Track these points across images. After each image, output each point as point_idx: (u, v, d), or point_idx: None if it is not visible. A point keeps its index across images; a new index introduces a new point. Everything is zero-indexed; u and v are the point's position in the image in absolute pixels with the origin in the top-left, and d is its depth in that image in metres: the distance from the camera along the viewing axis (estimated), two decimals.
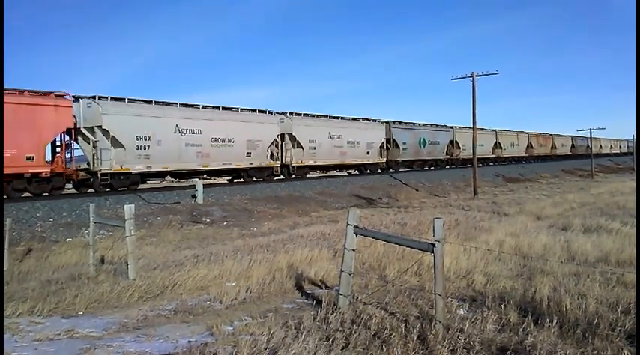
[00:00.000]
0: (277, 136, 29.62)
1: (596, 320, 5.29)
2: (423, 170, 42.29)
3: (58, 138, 20.84)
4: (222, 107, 27.33)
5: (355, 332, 5.16)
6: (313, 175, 33.07)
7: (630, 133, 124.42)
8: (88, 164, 21.84)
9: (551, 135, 70.65)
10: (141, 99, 23.96)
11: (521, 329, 5.19)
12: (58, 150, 21.00)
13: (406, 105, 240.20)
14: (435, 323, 5.11)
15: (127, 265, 8.49)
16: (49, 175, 19.92)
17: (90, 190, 22.24)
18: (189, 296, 7.35)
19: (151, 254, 12.22)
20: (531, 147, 64.05)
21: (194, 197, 21.79)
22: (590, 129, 51.52)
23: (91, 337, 5.60)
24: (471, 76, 28.31)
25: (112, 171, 21.63)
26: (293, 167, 30.90)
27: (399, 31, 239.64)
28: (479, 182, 29.92)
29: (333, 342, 4.96)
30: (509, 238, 11.09)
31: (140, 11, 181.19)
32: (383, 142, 38.39)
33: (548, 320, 5.29)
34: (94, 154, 21.39)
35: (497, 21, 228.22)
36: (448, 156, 47.41)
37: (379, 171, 37.80)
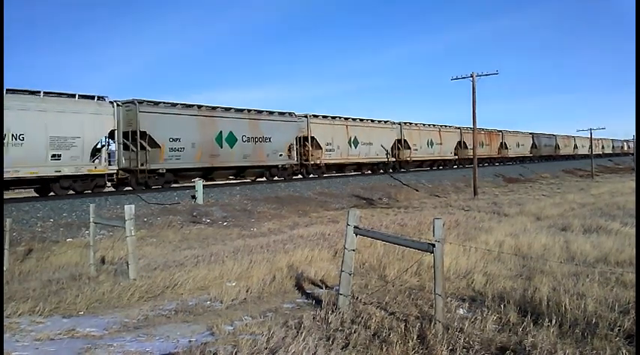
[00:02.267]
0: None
1: (595, 320, 5.30)
2: (423, 170, 42.30)
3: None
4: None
5: (355, 332, 5.17)
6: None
7: (630, 133, 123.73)
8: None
9: (500, 131, 56.33)
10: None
11: (520, 329, 5.20)
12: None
13: (406, 106, 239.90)
14: (435, 323, 5.12)
15: (128, 265, 8.50)
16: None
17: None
18: (189, 296, 7.36)
19: (151, 254, 12.24)
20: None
21: (194, 197, 21.81)
22: (591, 130, 51.56)
23: (92, 337, 5.62)
24: (471, 76, 28.35)
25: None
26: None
27: (398, 31, 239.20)
28: (479, 182, 29.94)
29: (333, 342, 4.98)
30: (509, 238, 11.10)
31: (140, 11, 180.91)
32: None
33: (547, 320, 5.31)
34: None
35: (497, 21, 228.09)
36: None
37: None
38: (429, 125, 44.95)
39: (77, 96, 20.82)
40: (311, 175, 32.51)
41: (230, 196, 23.34)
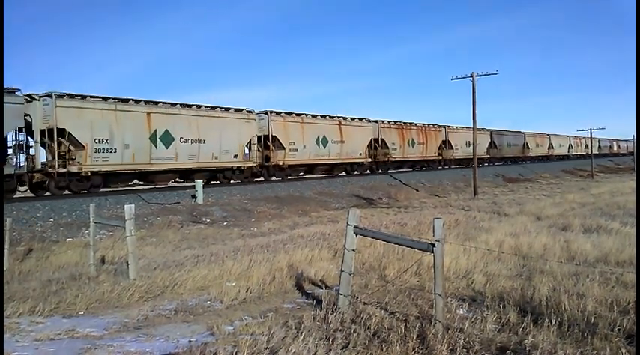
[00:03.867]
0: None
1: (595, 320, 5.30)
2: (422, 170, 42.17)
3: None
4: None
5: (355, 332, 5.17)
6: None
7: (630, 133, 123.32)
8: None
9: (442, 126, 48.15)
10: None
11: (520, 329, 5.20)
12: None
13: (406, 106, 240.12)
14: (435, 323, 5.12)
15: (128, 265, 8.50)
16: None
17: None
18: (189, 296, 7.36)
19: (151, 254, 12.24)
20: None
21: (194, 197, 21.82)
22: (591, 130, 51.50)
23: (92, 337, 5.62)
24: (471, 76, 28.35)
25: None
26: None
27: (398, 31, 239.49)
28: (479, 182, 29.94)
29: (333, 342, 4.98)
30: (509, 238, 11.10)
31: (140, 11, 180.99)
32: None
33: (547, 319, 5.31)
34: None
35: (498, 21, 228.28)
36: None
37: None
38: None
39: None
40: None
41: (230, 196, 23.35)
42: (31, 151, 20.51)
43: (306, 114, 32.56)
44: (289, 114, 31.35)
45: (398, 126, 40.65)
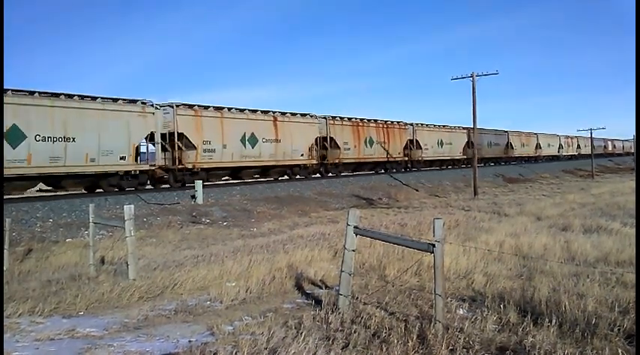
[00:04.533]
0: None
1: (595, 320, 5.30)
2: (421, 170, 41.98)
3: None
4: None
5: (355, 332, 5.17)
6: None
7: (630, 133, 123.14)
8: None
9: (407, 124, 42.55)
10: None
11: (520, 329, 5.20)
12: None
13: (406, 106, 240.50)
14: (435, 323, 5.12)
15: (127, 265, 8.50)
16: None
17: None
18: (189, 296, 7.36)
19: (150, 254, 12.23)
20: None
21: (194, 197, 21.81)
22: (591, 130, 51.48)
23: (92, 337, 5.62)
24: (471, 76, 28.36)
25: None
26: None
27: (398, 31, 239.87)
28: (479, 182, 29.94)
29: (333, 342, 4.98)
30: (509, 238, 11.10)
31: (140, 12, 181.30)
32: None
33: (547, 320, 5.31)
34: None
35: (498, 21, 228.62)
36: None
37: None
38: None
39: None
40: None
41: (230, 196, 23.35)
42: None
43: (229, 108, 27.41)
44: (206, 107, 26.27)
45: (352, 123, 35.88)
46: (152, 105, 23.65)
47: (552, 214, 16.62)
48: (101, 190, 22.44)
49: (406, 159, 41.30)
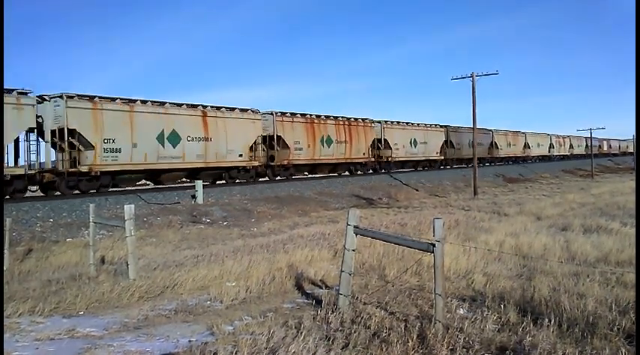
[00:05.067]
0: None
1: (595, 320, 5.30)
2: (420, 170, 41.85)
3: None
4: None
5: (355, 332, 5.17)
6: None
7: (630, 133, 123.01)
8: None
9: (373, 121, 38.58)
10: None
11: (520, 329, 5.20)
12: None
13: (407, 106, 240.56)
14: (435, 323, 5.12)
15: (127, 265, 8.50)
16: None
17: None
18: (189, 296, 7.36)
19: (151, 254, 12.24)
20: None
21: (194, 197, 21.82)
22: (590, 129, 51.50)
23: (92, 337, 5.62)
24: (471, 76, 28.36)
25: None
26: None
27: (399, 31, 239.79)
28: (479, 182, 29.94)
29: (333, 342, 4.98)
30: (509, 238, 11.10)
31: (141, 12, 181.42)
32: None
33: (547, 319, 5.30)
34: None
35: (498, 21, 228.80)
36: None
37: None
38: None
39: None
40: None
41: (230, 196, 23.35)
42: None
43: (143, 101, 23.67)
44: (112, 99, 22.58)
45: (306, 119, 31.89)
46: (44, 98, 20.82)
47: (552, 214, 16.62)
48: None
49: (373, 159, 37.47)
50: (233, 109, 27.39)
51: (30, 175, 20.05)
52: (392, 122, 40.47)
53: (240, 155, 27.38)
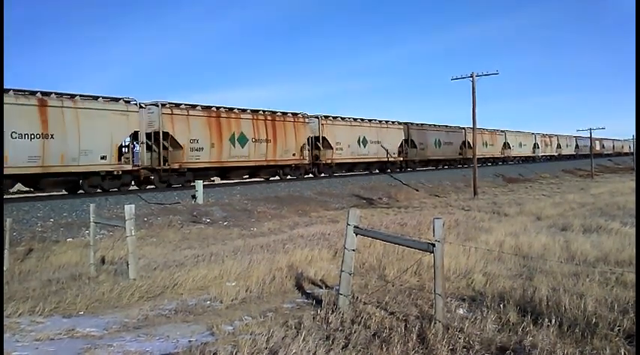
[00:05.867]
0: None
1: (595, 320, 5.30)
2: (421, 170, 41.75)
3: None
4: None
5: (355, 332, 5.18)
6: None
7: (630, 133, 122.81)
8: None
9: (304, 116, 32.52)
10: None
11: (520, 329, 5.20)
12: None
13: (407, 106, 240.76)
14: (435, 323, 5.12)
15: (128, 265, 8.50)
16: None
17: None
18: (189, 296, 7.37)
19: (151, 254, 12.24)
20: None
21: (194, 197, 21.83)
22: (591, 130, 51.49)
23: (92, 337, 5.62)
24: (471, 76, 28.36)
25: None
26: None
27: (398, 31, 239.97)
28: (479, 182, 29.95)
29: (333, 342, 4.98)
30: (509, 238, 11.11)
31: (140, 12, 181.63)
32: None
33: (547, 319, 5.30)
34: None
35: (497, 21, 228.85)
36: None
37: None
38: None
39: None
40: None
41: (230, 196, 23.36)
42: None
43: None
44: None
45: (208, 113, 26.09)
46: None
47: (552, 214, 16.63)
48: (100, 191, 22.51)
49: (305, 161, 31.50)
50: (96, 98, 22.06)
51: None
52: (333, 117, 34.71)
53: (104, 157, 21.67)
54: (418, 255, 7.27)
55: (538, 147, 65.29)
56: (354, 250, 6.16)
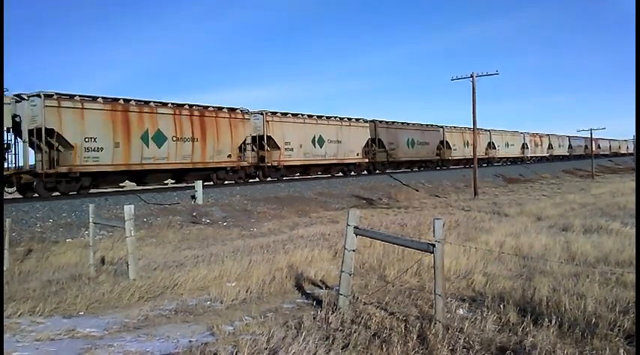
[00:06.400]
0: None
1: (595, 320, 5.30)
2: (421, 170, 41.69)
3: None
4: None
5: (355, 332, 5.17)
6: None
7: (630, 133, 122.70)
8: None
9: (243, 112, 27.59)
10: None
11: (520, 329, 5.20)
12: None
13: (407, 106, 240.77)
14: (435, 323, 5.12)
15: (127, 265, 8.50)
16: None
17: None
18: (189, 296, 7.36)
19: (151, 254, 12.24)
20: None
21: (194, 197, 21.82)
22: (591, 130, 51.46)
23: (92, 337, 5.62)
24: (471, 77, 28.36)
25: None
26: None
27: (398, 31, 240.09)
28: (479, 182, 29.94)
29: (333, 342, 4.97)
30: (509, 238, 11.10)
31: (140, 12, 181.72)
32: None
33: (547, 320, 5.30)
34: None
35: (497, 21, 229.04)
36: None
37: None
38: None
39: None
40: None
41: (230, 196, 23.34)
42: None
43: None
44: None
45: (111, 107, 21.91)
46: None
47: (552, 214, 16.63)
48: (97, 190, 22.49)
49: (245, 163, 27.64)
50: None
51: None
52: (282, 113, 30.29)
53: None
54: (418, 255, 7.27)
55: (527, 148, 61.34)
56: (354, 250, 6.16)
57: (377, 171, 37.84)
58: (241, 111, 27.74)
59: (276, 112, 30.09)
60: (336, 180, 31.18)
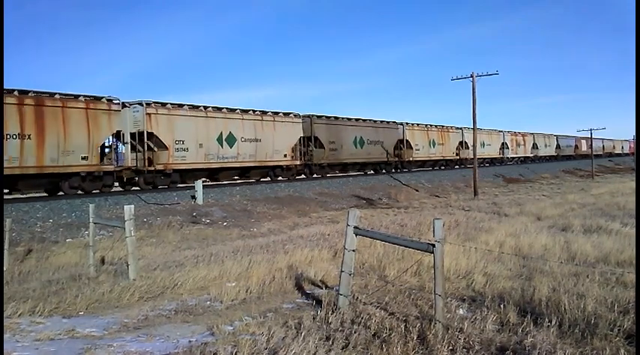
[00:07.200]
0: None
1: (595, 320, 5.30)
2: (423, 170, 41.70)
3: None
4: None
5: (355, 332, 5.17)
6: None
7: (630, 133, 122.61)
8: None
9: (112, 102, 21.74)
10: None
11: (520, 329, 5.20)
12: None
13: (406, 106, 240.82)
14: (435, 323, 5.12)
15: (127, 265, 8.50)
16: None
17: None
18: (189, 296, 7.36)
19: (151, 254, 12.25)
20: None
21: (194, 197, 21.82)
22: (591, 130, 51.45)
23: (92, 337, 5.62)
24: (471, 77, 28.37)
25: None
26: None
27: (398, 31, 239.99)
28: (479, 182, 29.95)
29: (333, 342, 4.97)
30: (509, 238, 11.10)
31: (139, 13, 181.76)
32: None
33: (547, 320, 5.30)
34: None
35: (497, 21, 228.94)
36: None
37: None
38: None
39: None
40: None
41: (230, 196, 23.34)
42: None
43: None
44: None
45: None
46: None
47: (552, 214, 16.62)
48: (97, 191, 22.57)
49: (128, 167, 23.36)
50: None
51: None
52: (172, 105, 24.73)
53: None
54: (418, 255, 7.27)
55: (507, 148, 55.85)
56: (354, 250, 6.16)
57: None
58: (109, 99, 22.01)
59: (166, 103, 24.53)
60: (337, 181, 31.17)
